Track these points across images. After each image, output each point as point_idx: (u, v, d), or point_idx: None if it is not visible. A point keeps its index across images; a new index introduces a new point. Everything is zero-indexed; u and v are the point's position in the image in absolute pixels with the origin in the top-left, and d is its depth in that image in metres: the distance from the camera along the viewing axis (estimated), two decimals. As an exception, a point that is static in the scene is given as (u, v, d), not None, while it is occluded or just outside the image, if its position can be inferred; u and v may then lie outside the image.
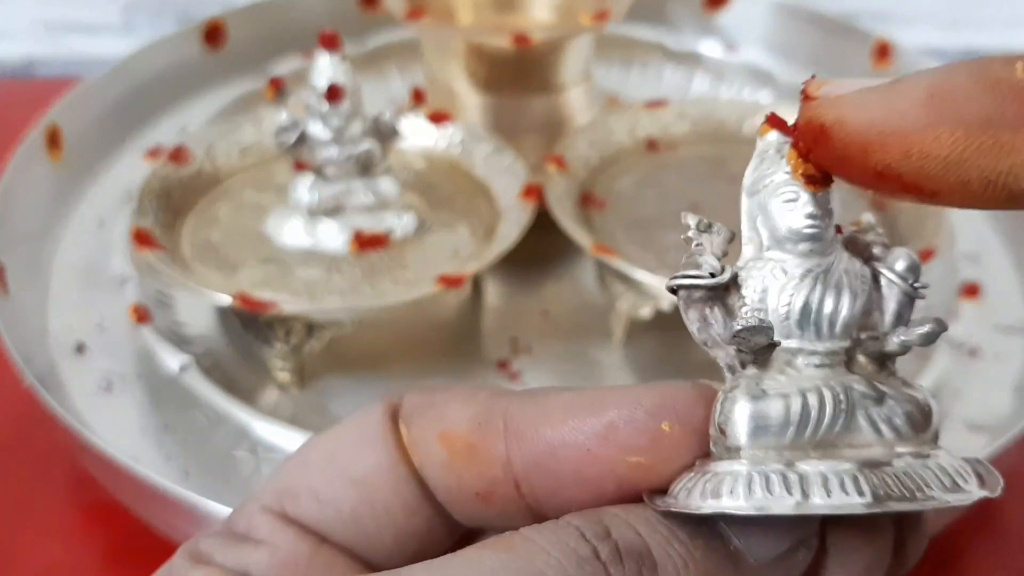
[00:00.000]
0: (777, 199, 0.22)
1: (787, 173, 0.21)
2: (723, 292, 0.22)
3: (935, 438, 0.21)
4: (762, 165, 0.22)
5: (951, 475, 0.20)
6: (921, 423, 0.21)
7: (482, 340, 0.51)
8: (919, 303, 0.22)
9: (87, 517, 0.46)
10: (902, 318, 0.22)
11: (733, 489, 0.20)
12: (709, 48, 0.69)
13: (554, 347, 0.51)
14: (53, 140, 0.56)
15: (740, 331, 0.21)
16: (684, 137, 0.57)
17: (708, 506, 0.20)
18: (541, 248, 0.51)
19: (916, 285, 0.22)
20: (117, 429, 0.45)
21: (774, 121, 0.22)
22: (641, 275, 0.47)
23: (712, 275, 0.22)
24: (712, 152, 0.57)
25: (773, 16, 0.68)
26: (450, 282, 0.46)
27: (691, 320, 0.22)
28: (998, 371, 0.49)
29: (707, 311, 0.22)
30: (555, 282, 0.54)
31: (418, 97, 0.59)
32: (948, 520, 0.43)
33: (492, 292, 0.53)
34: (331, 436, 0.24)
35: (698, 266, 0.22)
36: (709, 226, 0.22)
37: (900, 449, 0.21)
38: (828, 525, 0.21)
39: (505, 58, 0.56)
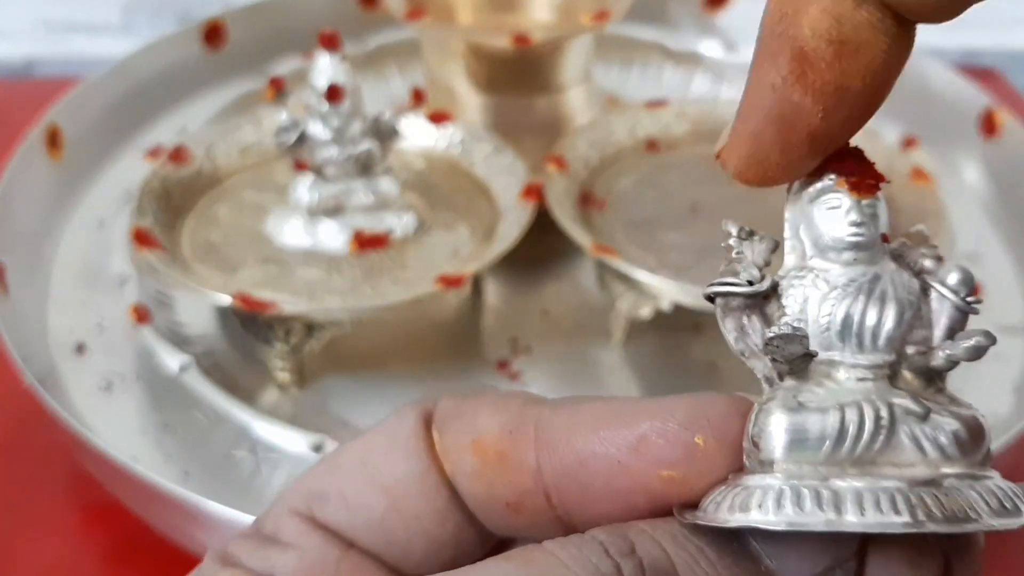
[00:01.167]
0: (820, 206, 0.21)
1: (831, 180, 0.21)
2: (762, 301, 0.21)
3: (985, 460, 0.20)
4: None
5: (999, 498, 0.19)
6: (969, 444, 0.20)
7: (482, 340, 0.51)
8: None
9: (87, 517, 0.46)
10: (955, 334, 0.21)
11: (762, 503, 0.19)
12: (709, 48, 0.69)
13: (554, 347, 0.51)
14: (53, 140, 0.56)
15: (773, 339, 0.20)
16: (684, 137, 0.57)
17: (736, 520, 0.19)
18: (541, 248, 0.51)
19: (969, 300, 0.21)
20: (117, 429, 0.45)
21: None
22: (641, 275, 0.47)
23: (750, 283, 0.21)
24: (712, 152, 0.56)
25: (773, 16, 0.68)
26: (450, 282, 0.46)
27: (728, 329, 0.21)
28: (998, 371, 0.49)
29: (745, 320, 0.21)
30: (555, 282, 0.54)
31: (418, 97, 0.59)
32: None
33: (492, 292, 0.53)
34: (363, 441, 0.24)
35: (736, 274, 0.21)
36: (751, 234, 0.22)
37: (946, 470, 0.20)
38: (869, 549, 0.20)
39: (505, 58, 0.56)
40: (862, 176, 0.21)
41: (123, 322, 0.50)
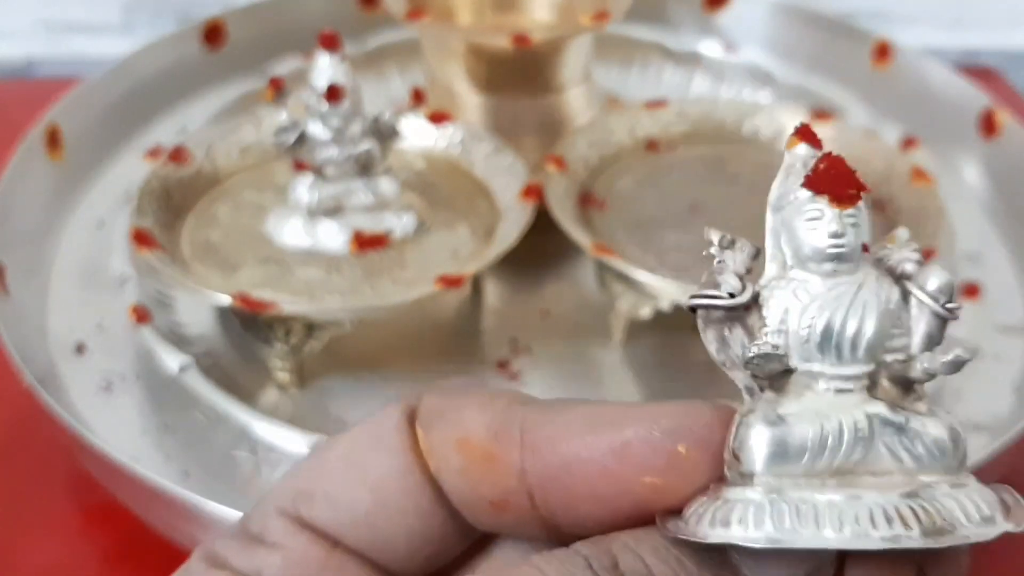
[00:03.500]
0: (801, 217, 0.21)
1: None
2: (743, 312, 0.21)
3: (962, 466, 0.21)
4: (788, 180, 0.21)
5: (976, 506, 0.20)
6: (946, 452, 0.20)
7: (482, 340, 0.51)
8: None
9: (87, 517, 0.46)
10: (933, 340, 0.21)
11: (743, 518, 0.19)
12: (709, 48, 0.69)
13: (554, 347, 0.50)
14: (53, 140, 0.56)
15: (752, 358, 0.21)
16: (684, 137, 0.57)
17: (716, 535, 0.20)
18: (541, 248, 0.51)
19: (949, 306, 0.21)
20: (117, 429, 0.45)
21: (804, 134, 0.21)
22: (641, 275, 0.47)
23: (731, 295, 0.21)
24: (712, 152, 0.57)
25: (773, 16, 0.68)
26: (450, 282, 0.46)
27: (709, 340, 0.21)
28: (998, 371, 0.49)
29: (726, 332, 0.21)
30: (555, 282, 0.54)
31: (418, 97, 0.59)
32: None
33: (492, 292, 0.53)
34: (348, 439, 0.24)
35: (717, 285, 0.21)
36: (732, 242, 0.22)
37: (923, 479, 0.20)
38: (847, 558, 0.21)
39: (505, 58, 0.56)
40: (843, 186, 0.21)
41: (123, 322, 0.50)
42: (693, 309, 0.22)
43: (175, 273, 0.47)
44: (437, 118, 0.55)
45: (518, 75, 0.57)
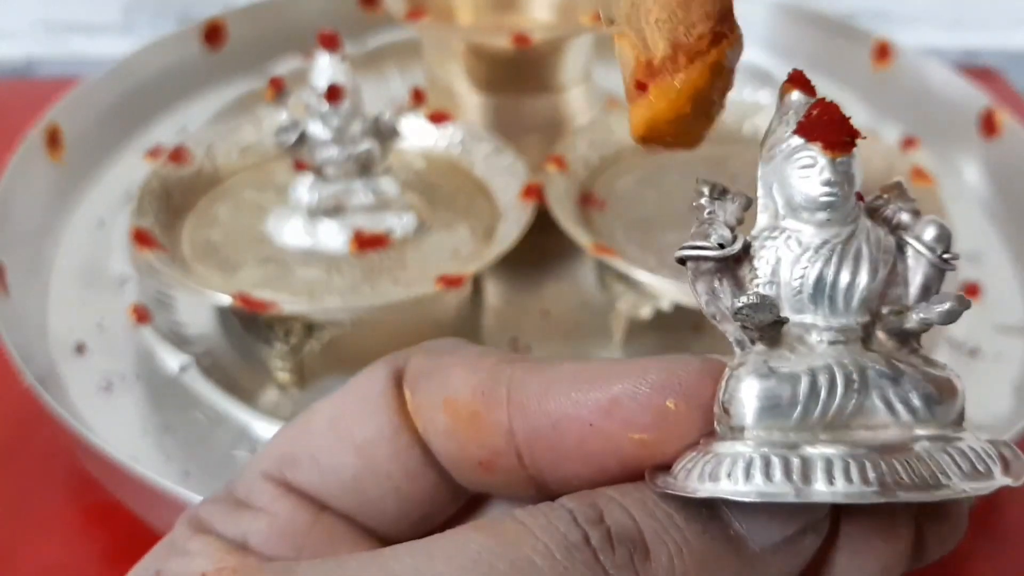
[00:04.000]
0: (793, 165, 0.20)
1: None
2: (734, 263, 0.21)
3: (959, 419, 0.20)
4: (780, 128, 0.21)
5: (972, 460, 0.19)
6: (943, 404, 0.20)
7: (482, 340, 0.51)
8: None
9: (87, 517, 0.46)
10: (930, 291, 0.21)
11: (732, 472, 0.19)
12: (709, 48, 0.69)
13: (554, 347, 0.50)
14: (53, 140, 0.56)
15: (741, 308, 0.20)
16: (684, 137, 0.57)
17: (705, 489, 0.19)
18: (541, 248, 0.51)
19: (946, 256, 0.21)
20: (117, 429, 0.45)
21: (797, 79, 0.21)
22: (641, 275, 0.47)
23: (721, 246, 0.21)
24: (712, 152, 0.56)
25: (773, 16, 0.68)
26: (450, 282, 0.46)
27: (699, 292, 0.21)
28: (998, 371, 0.49)
29: (716, 283, 0.21)
30: (555, 282, 0.54)
31: (418, 97, 0.59)
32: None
33: (492, 292, 0.53)
34: (333, 402, 0.24)
35: (707, 236, 0.21)
36: (724, 192, 0.21)
37: (919, 432, 0.19)
38: (842, 516, 0.20)
39: (505, 58, 0.56)
40: (836, 133, 0.20)
41: (123, 322, 0.50)
42: (682, 261, 0.21)
43: (175, 273, 0.47)
44: (437, 118, 0.55)
45: (518, 75, 0.57)
